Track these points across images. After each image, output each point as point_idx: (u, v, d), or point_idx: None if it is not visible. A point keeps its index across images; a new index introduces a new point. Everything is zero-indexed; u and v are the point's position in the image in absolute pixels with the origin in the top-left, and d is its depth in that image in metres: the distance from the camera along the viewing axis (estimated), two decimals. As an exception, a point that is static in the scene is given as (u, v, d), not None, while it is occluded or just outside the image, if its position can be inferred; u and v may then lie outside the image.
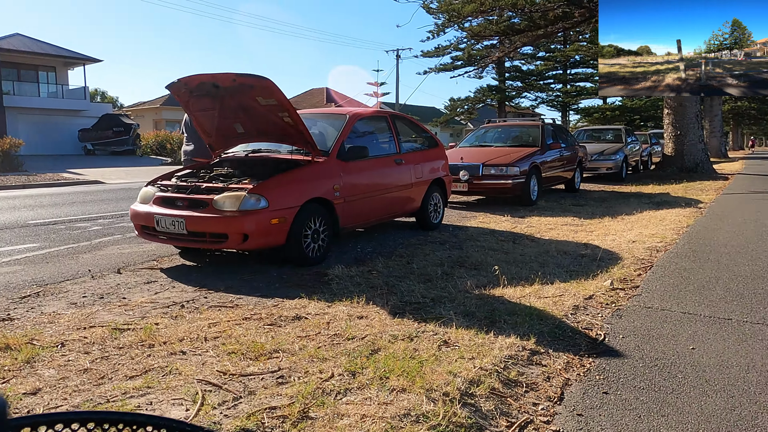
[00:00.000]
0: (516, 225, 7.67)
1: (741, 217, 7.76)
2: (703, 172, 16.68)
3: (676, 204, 9.58)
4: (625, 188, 13.10)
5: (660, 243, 6.05)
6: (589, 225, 7.61)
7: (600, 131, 17.94)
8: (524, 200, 9.62)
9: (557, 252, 5.68)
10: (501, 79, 49.24)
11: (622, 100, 49.85)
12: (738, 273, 4.59)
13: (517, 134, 11.27)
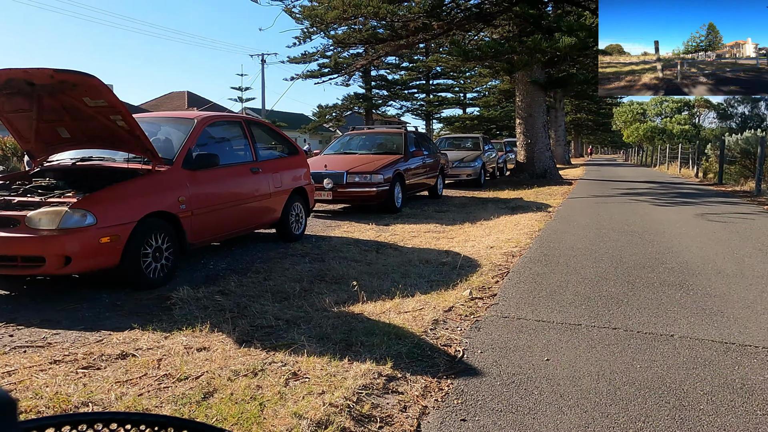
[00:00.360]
0: (380, 233, 7.57)
1: (584, 220, 8.34)
2: (551, 177, 18.05)
3: (529, 208, 10.12)
4: (483, 194, 13.71)
5: (515, 248, 6.24)
6: (451, 231, 7.72)
7: (460, 139, 18.69)
8: (389, 208, 9.61)
9: (419, 261, 5.61)
10: (368, 87, 50.12)
11: (480, 111, 53.16)
12: (585, 275, 4.80)
13: (382, 142, 11.28)
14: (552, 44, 13.40)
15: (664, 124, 40.36)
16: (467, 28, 18.51)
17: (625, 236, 6.87)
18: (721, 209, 9.63)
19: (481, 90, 52.82)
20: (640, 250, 5.96)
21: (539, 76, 17.43)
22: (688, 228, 7.48)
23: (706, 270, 4.98)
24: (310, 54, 32.82)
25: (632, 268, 5.07)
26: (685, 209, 9.62)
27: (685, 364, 2.81)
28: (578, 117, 61.25)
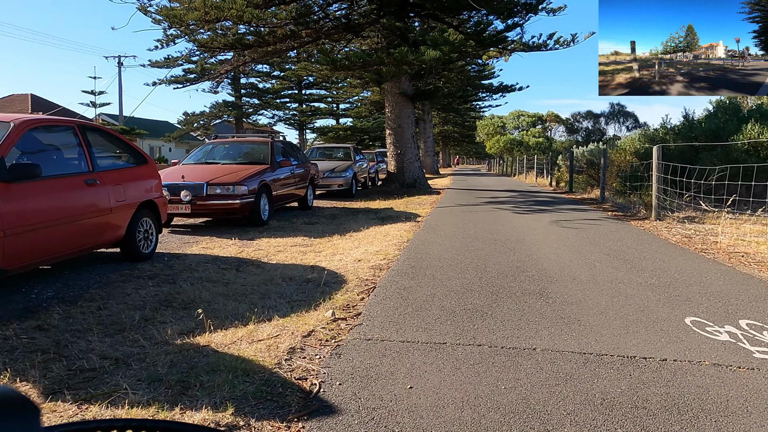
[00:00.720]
0: (243, 249, 7.06)
1: (451, 229, 8.45)
2: (421, 187, 18.46)
3: (398, 218, 10.12)
4: (355, 204, 13.59)
5: (383, 260, 6.07)
6: (319, 245, 7.41)
7: (331, 149, 18.53)
8: (255, 221, 9.08)
9: (282, 278, 5.23)
10: (237, 95, 48.58)
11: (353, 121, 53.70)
12: (451, 287, 4.72)
13: (247, 151, 10.72)
14: (418, 56, 13.68)
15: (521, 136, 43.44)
16: (337, 38, 18.43)
17: (489, 245, 7.01)
18: (573, 216, 10.30)
19: (354, 101, 53.42)
20: (503, 258, 6.07)
21: (407, 88, 17.78)
22: (546, 235, 7.83)
23: (563, 277, 5.14)
24: (174, 58, 30.93)
25: (496, 278, 5.09)
26: (542, 217, 10.16)
27: (548, 380, 2.73)
28: (445, 129, 64.19)
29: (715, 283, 4.93)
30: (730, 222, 9.02)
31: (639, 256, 6.25)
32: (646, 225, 9.05)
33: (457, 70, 23.86)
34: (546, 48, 18.63)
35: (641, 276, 5.20)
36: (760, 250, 6.70)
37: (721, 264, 5.90)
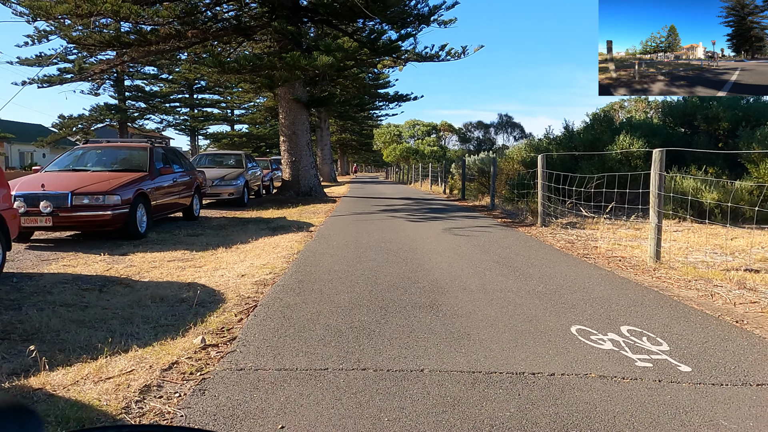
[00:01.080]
0: (112, 266, 6.34)
1: (344, 239, 8.19)
2: (316, 195, 18.10)
3: (291, 228, 9.71)
4: (246, 214, 12.97)
5: (269, 275, 5.68)
6: (201, 259, 6.85)
7: (222, 156, 17.67)
8: (130, 233, 8.29)
9: (153, 299, 4.68)
10: (121, 98, 45.54)
11: (249, 128, 52.11)
12: (338, 303, 4.44)
13: (123, 157, 9.81)
14: (311, 62, 13.35)
15: (417, 145, 44.39)
16: (227, 40, 17.65)
17: (381, 254, 6.82)
18: (465, 223, 10.44)
19: (249, 107, 51.93)
20: (395, 269, 5.89)
21: (302, 95, 17.39)
22: (438, 243, 7.79)
23: (454, 287, 5.03)
24: (47, 56, 28.32)
25: (387, 291, 4.88)
26: (435, 224, 10.20)
27: (435, 407, 2.52)
28: (343, 137, 64.22)
29: (597, 289, 5.05)
30: (608, 227, 9.54)
31: (527, 263, 6.34)
32: (533, 231, 9.33)
33: (352, 78, 23.79)
34: (439, 59, 19.04)
35: (529, 283, 5.22)
36: (634, 254, 7.06)
37: (601, 269, 6.11)
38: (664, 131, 14.04)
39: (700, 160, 12.39)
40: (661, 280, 5.60)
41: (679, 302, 4.61)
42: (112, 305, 4.53)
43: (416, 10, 18.13)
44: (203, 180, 12.29)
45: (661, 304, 4.53)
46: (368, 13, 15.50)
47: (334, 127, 57.38)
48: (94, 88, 44.19)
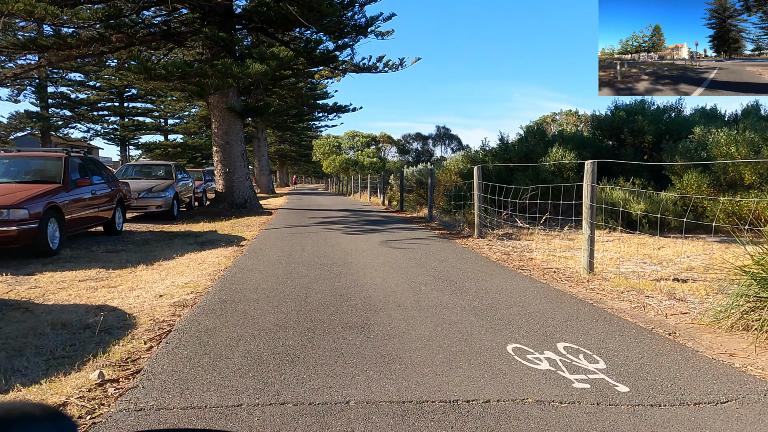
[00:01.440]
0: (13, 288, 5.73)
1: (276, 254, 7.82)
2: (252, 207, 17.54)
3: (220, 243, 9.23)
4: (175, 227, 12.32)
5: (190, 294, 5.26)
6: (117, 277, 6.32)
7: (150, 167, 16.84)
8: (40, 250, 7.60)
9: (53, 326, 4.18)
10: (44, 105, 43.06)
11: (184, 138, 50.44)
12: (263, 325, 4.10)
13: (35, 168, 9.06)
14: (243, 70, 12.91)
15: (356, 156, 44.25)
16: (155, 46, 16.90)
17: (314, 270, 6.51)
18: (402, 235, 10.27)
19: (185, 116, 50.30)
20: (327, 285, 5.60)
21: (235, 104, 16.84)
22: (374, 257, 7.56)
23: (388, 304, 4.80)
24: (-41, 59, 26.43)
25: (316, 310, 4.59)
26: (372, 237, 9.98)
27: (359, 447, 2.25)
28: (282, 148, 63.36)
29: (533, 303, 4.95)
30: (543, 238, 9.61)
31: (463, 276, 6.20)
32: (470, 243, 9.27)
33: (289, 88, 23.39)
34: (376, 70, 18.97)
35: (465, 299, 5.05)
36: (568, 266, 7.07)
37: (536, 281, 6.05)
38: (594, 144, 14.47)
39: (628, 172, 12.80)
40: (595, 291, 5.58)
41: (614, 315, 4.57)
42: (2, 334, 4.01)
43: (353, 21, 18.01)
44: (127, 192, 11.58)
45: (596, 317, 4.46)
46: (304, 22, 15.22)
47: (272, 137, 56.47)
48: (13, 95, 41.69)
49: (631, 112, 14.65)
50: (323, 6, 14.86)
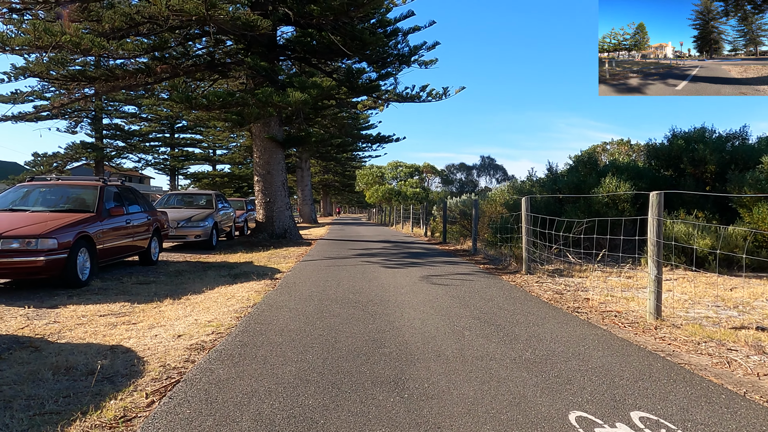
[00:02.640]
0: (31, 322, 5.44)
1: (309, 289, 7.35)
2: (291, 237, 17.27)
3: (254, 275, 8.85)
4: (211, 257, 12.09)
5: (211, 335, 4.82)
6: (140, 313, 5.97)
7: (192, 196, 16.85)
8: (69, 281, 7.39)
9: (56, 370, 3.80)
10: (98, 136, 44.74)
11: (231, 168, 51.39)
12: (282, 378, 3.60)
13: (70, 197, 8.96)
14: (284, 98, 12.76)
15: (399, 186, 43.98)
16: (199, 77, 17.10)
17: (347, 308, 5.99)
18: (445, 270, 9.67)
19: (233, 147, 51.39)
20: (360, 328, 5.07)
21: (277, 133, 16.76)
22: (413, 294, 6.99)
23: (427, 353, 4.22)
24: (22, 93, 27.58)
25: (345, 358, 4.05)
26: (413, 271, 9.41)
27: None
28: (326, 178, 63.80)
29: (594, 355, 4.27)
30: (598, 275, 8.83)
31: (512, 319, 5.56)
32: (518, 279, 8.58)
33: (332, 117, 23.35)
34: (419, 100, 18.67)
35: (515, 348, 4.42)
36: (630, 308, 6.33)
37: (596, 327, 5.35)
38: (650, 174, 13.59)
39: (688, 204, 11.89)
40: (666, 341, 4.85)
41: (693, 373, 3.85)
42: (0, 379, 3.64)
43: (396, 50, 17.82)
44: (165, 221, 11.44)
45: (673, 376, 3.76)
46: (347, 51, 15.08)
47: (316, 167, 56.98)
48: (71, 126, 43.54)
49: (690, 141, 13.73)
50: (366, 35, 14.70)
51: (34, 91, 30.90)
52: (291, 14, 14.37)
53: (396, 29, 17.32)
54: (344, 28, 14.71)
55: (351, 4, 13.04)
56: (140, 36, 14.02)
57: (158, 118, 46.30)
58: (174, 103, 13.49)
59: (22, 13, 13.80)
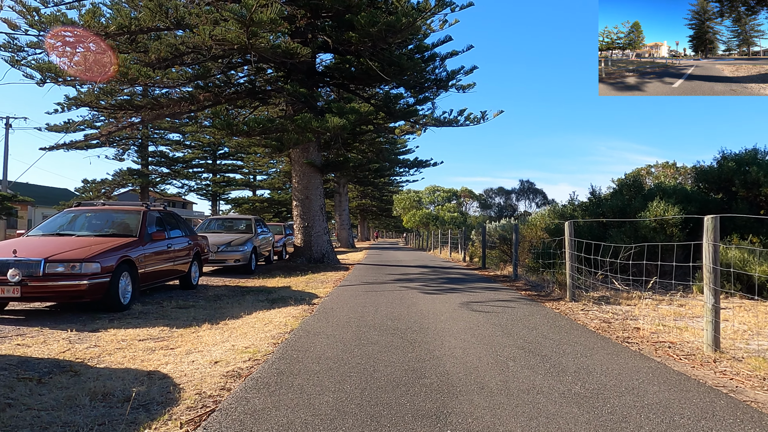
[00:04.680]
0: (73, 346, 5.48)
1: (347, 315, 7.24)
2: (329, 262, 17.25)
3: (292, 300, 8.80)
4: (250, 282, 12.13)
5: (247, 362, 4.74)
6: (179, 338, 5.95)
7: (232, 221, 17.08)
8: (111, 305, 7.48)
9: (93, 396, 3.77)
10: (144, 163, 46.23)
11: (271, 193, 52.24)
12: (319, 409, 3.47)
13: (114, 221, 9.15)
14: (322, 124, 12.87)
15: (437, 211, 43.73)
16: (240, 104, 17.47)
17: (386, 336, 5.84)
18: (485, 296, 9.42)
19: (272, 172, 52.28)
20: (399, 356, 4.90)
21: (315, 158, 16.91)
22: (453, 322, 6.78)
23: (469, 385, 4.03)
24: (74, 122, 28.78)
25: (384, 389, 3.90)
26: (452, 297, 9.20)
27: None
28: (364, 202, 64.06)
29: (649, 390, 3.99)
30: (647, 303, 8.44)
31: (558, 349, 5.30)
32: (562, 307, 8.27)
33: (369, 142, 23.48)
34: (457, 124, 18.57)
35: (563, 381, 4.18)
36: (684, 339, 5.97)
37: (649, 359, 5.04)
38: (700, 197, 13.06)
39: (741, 228, 11.34)
40: (727, 376, 4.51)
41: (762, 413, 3.54)
42: (39, 404, 3.63)
43: (434, 75, 17.84)
44: (205, 246, 11.57)
45: (740, 417, 3.46)
46: (384, 77, 15.17)
47: (354, 192, 57.31)
48: (118, 154, 45.15)
49: (742, 162, 13.17)
50: (404, 61, 14.77)
51: (85, 120, 32.20)
52: (330, 41, 14.59)
53: (434, 54, 17.37)
54: (382, 54, 14.82)
55: (389, 31, 13.14)
56: (184, 65, 14.44)
57: (201, 144, 47.57)
58: (216, 130, 13.78)
59: (75, 46, 14.41)
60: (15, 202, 29.70)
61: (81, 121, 32.45)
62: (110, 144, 42.49)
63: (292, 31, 14.88)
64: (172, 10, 12.27)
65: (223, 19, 11.72)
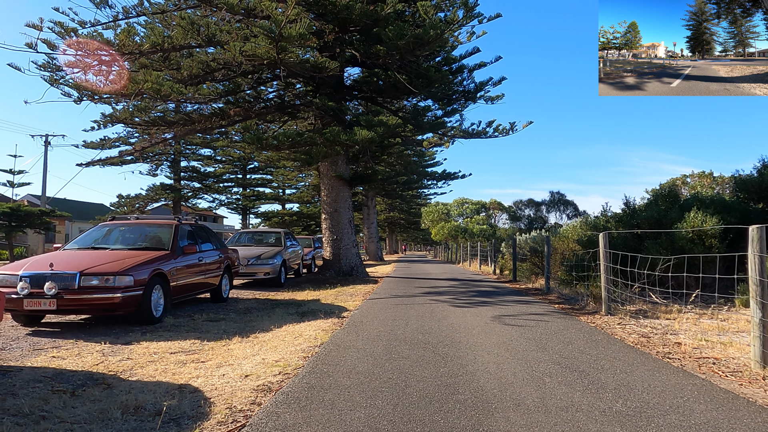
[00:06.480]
0: (107, 358, 5.53)
1: (377, 328, 7.15)
2: (358, 275, 17.20)
3: (321, 313, 8.76)
4: (280, 295, 12.16)
5: (278, 376, 4.70)
6: (210, 351, 5.96)
7: (261, 234, 17.22)
8: (143, 318, 7.55)
9: (125, 409, 3.76)
10: (177, 178, 47.13)
11: (300, 207, 52.69)
12: (350, 425, 3.39)
13: (147, 235, 9.28)
14: (351, 137, 12.90)
15: (465, 223, 43.40)
16: (269, 119, 17.67)
17: (417, 350, 5.74)
18: (517, 310, 9.23)
19: (299, 186, 52.73)
20: (431, 371, 4.80)
21: (344, 171, 16.95)
22: (486, 336, 6.64)
23: (504, 401, 3.90)
24: (110, 139, 29.54)
25: (416, 405, 3.80)
26: (483, 311, 9.03)
27: None
28: (392, 215, 64.05)
29: (695, 409, 3.81)
30: (688, 317, 8.14)
31: (596, 365, 5.12)
32: (597, 320, 8.03)
33: (397, 155, 23.48)
34: (486, 135, 18.43)
35: (603, 398, 4.02)
36: (729, 354, 5.71)
37: (693, 375, 4.82)
38: (740, 207, 12.61)
39: (785, 239, 10.89)
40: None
41: (820, 434, 3.33)
42: (72, 417, 3.64)
43: (462, 87, 17.78)
44: (236, 259, 11.65)
45: (796, 437, 3.26)
46: (412, 89, 15.16)
47: (382, 205, 57.36)
48: (152, 169, 46.18)
49: (785, 171, 12.70)
50: (431, 73, 14.74)
51: (120, 136, 33.02)
52: (357, 55, 14.67)
53: (461, 66, 17.32)
54: (410, 66, 14.83)
55: (416, 43, 13.15)
56: (215, 81, 14.69)
57: (231, 159, 48.30)
58: (246, 144, 13.95)
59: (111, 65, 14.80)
60: (53, 217, 30.55)
61: (116, 138, 33.28)
62: (144, 160, 43.44)
63: (321, 46, 15.03)
64: (204, 27, 12.52)
65: (253, 36, 11.90)
